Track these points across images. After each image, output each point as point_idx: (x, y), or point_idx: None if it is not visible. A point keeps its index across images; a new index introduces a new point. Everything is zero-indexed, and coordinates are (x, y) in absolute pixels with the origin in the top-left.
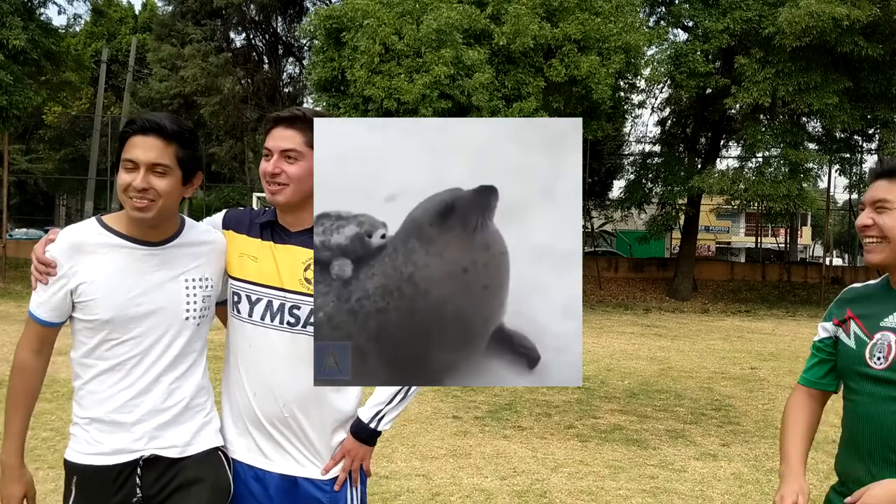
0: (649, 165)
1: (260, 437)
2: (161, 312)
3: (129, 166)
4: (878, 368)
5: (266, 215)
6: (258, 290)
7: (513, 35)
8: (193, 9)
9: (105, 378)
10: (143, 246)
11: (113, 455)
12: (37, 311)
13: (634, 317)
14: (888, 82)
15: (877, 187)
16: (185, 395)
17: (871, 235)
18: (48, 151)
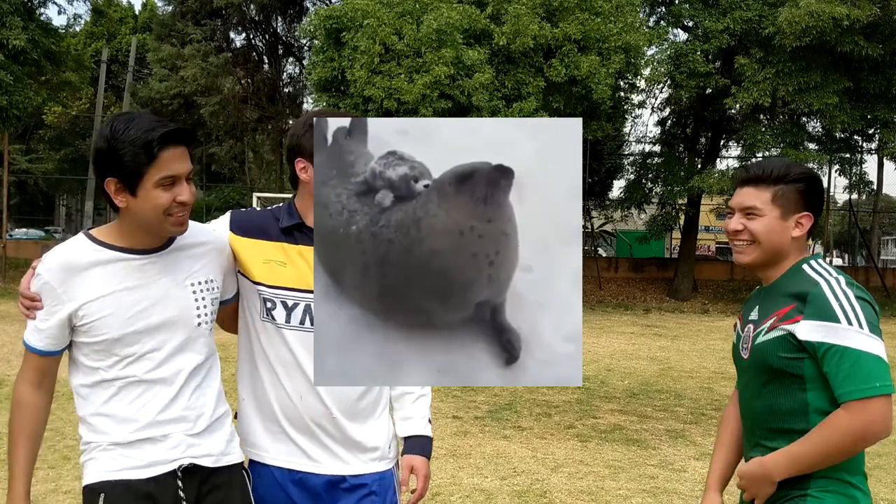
0: (649, 165)
1: (304, 439)
2: (172, 321)
3: (169, 182)
4: (745, 359)
5: (290, 218)
6: (294, 295)
7: (513, 35)
8: (193, 9)
9: (122, 398)
10: (140, 255)
11: (147, 468)
12: (33, 341)
13: (634, 317)
14: (888, 82)
15: (744, 194)
16: (210, 403)
17: (741, 239)
18: (48, 151)
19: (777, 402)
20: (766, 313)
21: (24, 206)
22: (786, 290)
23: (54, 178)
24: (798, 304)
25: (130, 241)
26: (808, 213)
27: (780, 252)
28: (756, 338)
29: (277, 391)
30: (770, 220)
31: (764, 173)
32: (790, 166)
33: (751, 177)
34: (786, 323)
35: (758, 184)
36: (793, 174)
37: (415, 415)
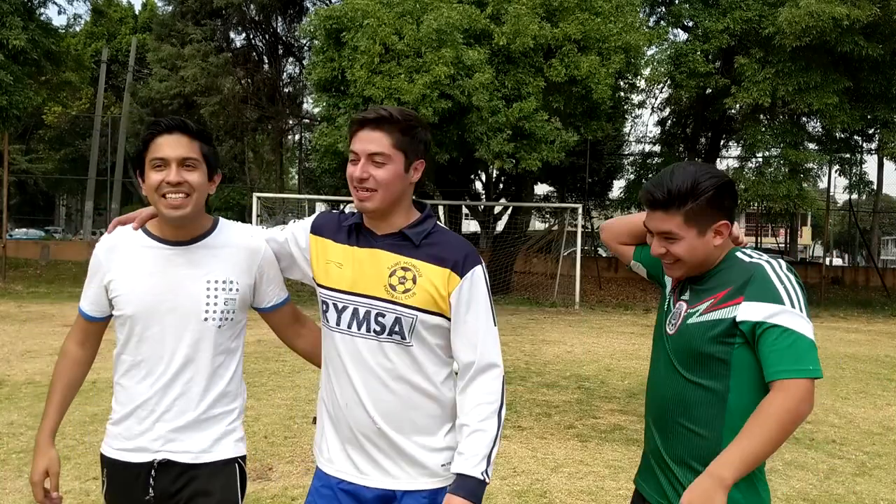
0: (649, 165)
1: (353, 449)
2: (179, 311)
3: (159, 164)
4: (670, 334)
5: (353, 217)
6: (344, 297)
7: (513, 35)
8: (193, 9)
9: (133, 374)
10: (170, 245)
11: (134, 452)
12: (82, 304)
13: (634, 317)
14: (888, 82)
15: (657, 219)
16: (207, 400)
17: (667, 260)
18: (48, 151)
19: (693, 394)
20: (701, 296)
21: (24, 206)
22: (722, 275)
23: (54, 178)
24: (736, 286)
25: (163, 232)
26: (724, 222)
27: (707, 260)
28: (688, 318)
29: (331, 397)
30: (689, 241)
31: (669, 196)
32: (695, 181)
33: (657, 200)
34: (724, 305)
35: (667, 208)
36: (699, 189)
37: (466, 451)
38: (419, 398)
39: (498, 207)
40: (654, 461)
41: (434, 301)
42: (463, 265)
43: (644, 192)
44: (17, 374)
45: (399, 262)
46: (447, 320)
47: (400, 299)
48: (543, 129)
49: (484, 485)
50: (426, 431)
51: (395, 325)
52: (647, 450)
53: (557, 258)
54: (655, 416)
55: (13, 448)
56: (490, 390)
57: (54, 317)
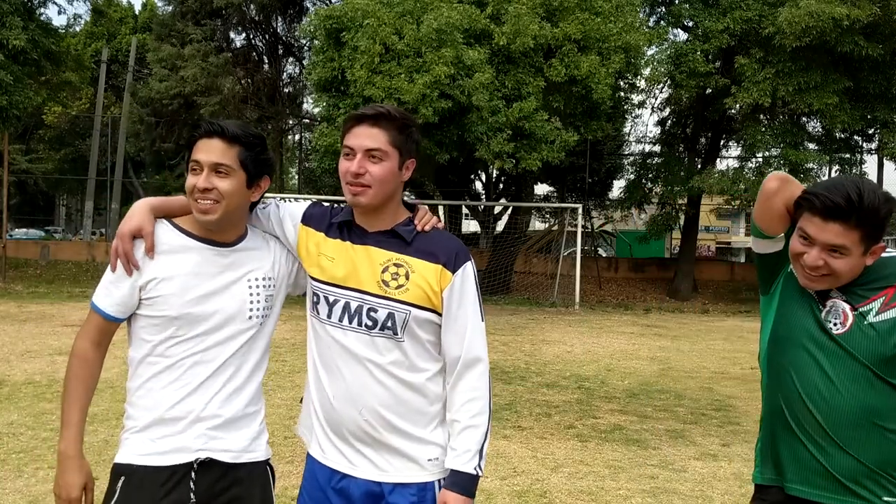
0: (649, 165)
1: (342, 443)
2: (225, 312)
3: (195, 167)
4: (837, 334)
5: (342, 214)
6: (336, 291)
7: (513, 35)
8: (193, 9)
9: (164, 376)
10: (214, 247)
11: (169, 454)
12: (102, 303)
13: (634, 317)
14: (888, 82)
15: (830, 230)
16: (244, 398)
17: (820, 272)
18: (48, 151)
19: (881, 396)
20: (866, 294)
21: (24, 206)
22: (875, 271)
23: (54, 178)
24: None
25: (206, 233)
26: (883, 244)
27: (857, 275)
28: (863, 317)
29: (319, 390)
30: (855, 259)
31: (857, 209)
32: (885, 198)
33: (839, 209)
34: None
35: (848, 220)
36: (885, 209)
37: (459, 447)
38: (408, 393)
39: (498, 207)
40: (829, 469)
41: (427, 297)
42: (455, 261)
43: (824, 198)
44: (17, 374)
45: (391, 258)
46: (438, 316)
47: (393, 295)
48: (543, 129)
49: (477, 479)
50: (415, 426)
51: (387, 320)
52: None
53: (557, 258)
54: (829, 423)
55: (13, 448)
56: (478, 386)
57: (54, 317)
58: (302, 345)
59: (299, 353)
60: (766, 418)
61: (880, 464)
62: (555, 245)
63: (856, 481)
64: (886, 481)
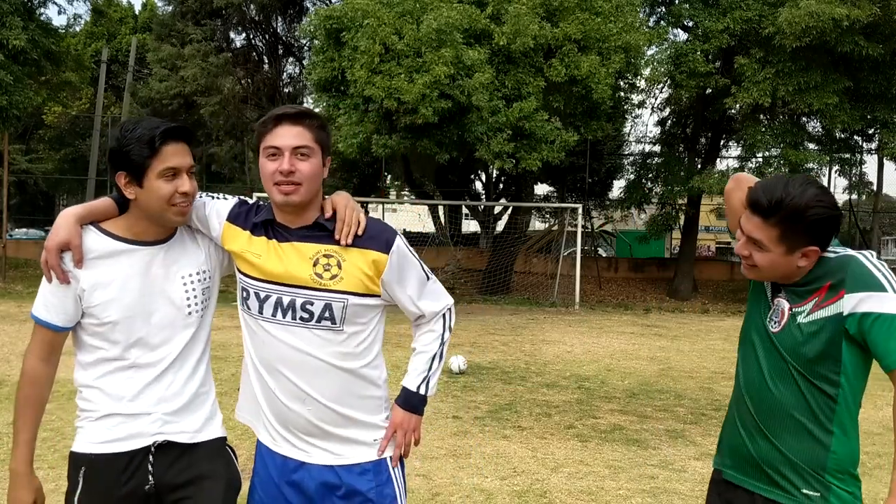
0: (649, 165)
1: (291, 435)
2: (166, 311)
3: (170, 175)
4: (774, 332)
5: (263, 213)
6: (267, 286)
7: (513, 35)
8: (193, 9)
9: (116, 376)
10: (144, 247)
11: (126, 440)
12: (46, 316)
13: (634, 317)
14: (888, 82)
15: (753, 223)
16: (194, 384)
17: (747, 261)
18: (48, 151)
19: (801, 393)
20: (803, 296)
21: (24, 206)
22: (814, 272)
23: (54, 178)
24: (836, 281)
25: (135, 233)
26: (815, 248)
27: (787, 275)
28: (795, 317)
29: (263, 386)
30: (774, 256)
31: (775, 208)
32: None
33: (760, 206)
34: (829, 302)
35: (766, 218)
36: (807, 214)
37: (410, 369)
38: (354, 382)
39: (498, 207)
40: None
41: (363, 284)
42: (385, 243)
43: (752, 191)
44: (16, 374)
45: (320, 250)
46: (377, 298)
47: (328, 286)
48: (543, 129)
49: (424, 399)
50: (365, 413)
51: (324, 311)
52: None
53: (557, 258)
54: (758, 413)
55: None
56: (435, 328)
57: None
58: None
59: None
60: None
61: (802, 457)
62: (555, 245)
63: (778, 471)
64: (807, 474)
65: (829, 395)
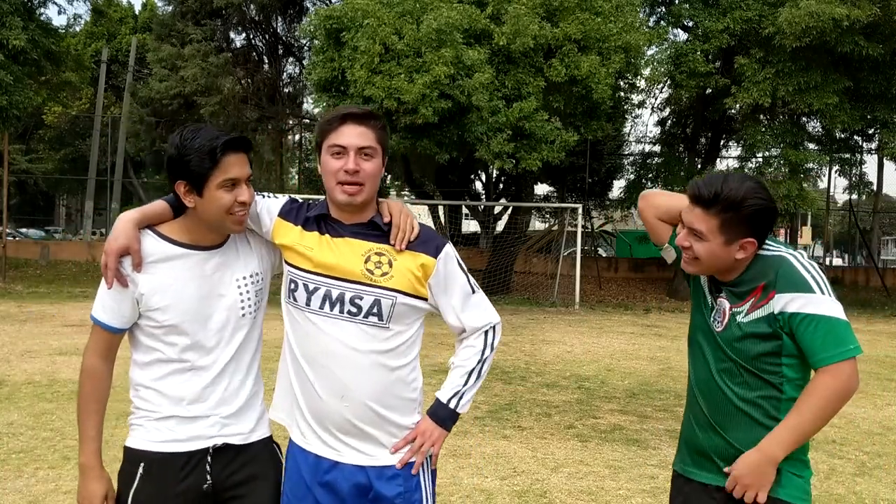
0: (649, 165)
1: (325, 433)
2: (221, 314)
3: (229, 185)
4: (718, 331)
5: (317, 208)
6: (316, 279)
7: (513, 35)
8: (193, 9)
9: (174, 378)
10: (200, 251)
11: (186, 442)
12: (104, 317)
13: (634, 317)
14: (888, 82)
15: (694, 214)
16: (248, 385)
17: (687, 255)
18: (48, 151)
19: (749, 387)
20: (742, 296)
21: (24, 206)
22: (750, 271)
23: (54, 178)
24: (769, 280)
25: (192, 238)
26: (752, 240)
27: (726, 267)
28: (734, 316)
29: (302, 380)
30: (713, 246)
31: (714, 199)
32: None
33: (699, 196)
34: (764, 302)
35: (706, 206)
36: (745, 204)
37: (446, 382)
38: (393, 382)
39: (498, 207)
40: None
41: (412, 285)
42: (434, 249)
43: (692, 185)
44: (16, 374)
45: (372, 248)
46: (424, 301)
47: (379, 282)
48: (543, 129)
49: (453, 415)
50: (400, 415)
51: (373, 306)
52: (692, 441)
53: (557, 258)
54: (709, 409)
55: (13, 448)
56: (475, 344)
57: (54, 317)
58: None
59: None
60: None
61: (749, 445)
62: (555, 245)
63: (730, 462)
64: None
65: (775, 386)
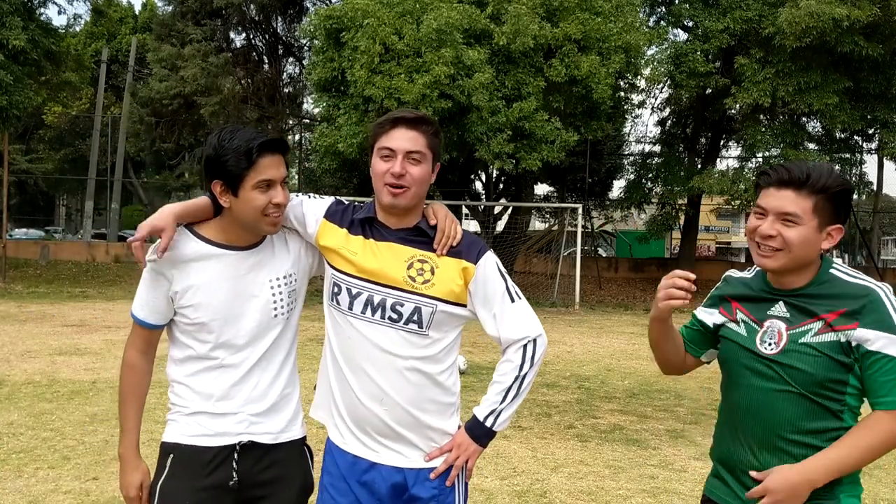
0: (649, 165)
1: (363, 434)
2: (253, 314)
3: (265, 186)
4: (770, 354)
5: (364, 210)
6: (359, 283)
7: (513, 35)
8: (193, 9)
9: (204, 375)
10: (235, 251)
11: (214, 437)
12: (141, 314)
13: (634, 317)
14: (888, 82)
15: (784, 197)
16: (279, 384)
17: (770, 245)
18: (48, 151)
19: (812, 408)
20: (807, 315)
21: (24, 206)
22: (826, 293)
23: (54, 178)
24: (851, 310)
25: (228, 238)
26: (840, 227)
27: (806, 262)
28: (797, 337)
29: (342, 383)
30: (807, 231)
31: (808, 178)
32: (836, 175)
33: (792, 178)
34: (841, 328)
35: (800, 188)
36: (838, 183)
37: (484, 399)
38: (431, 387)
39: (498, 207)
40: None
41: (454, 292)
42: (476, 254)
43: (776, 168)
44: (16, 374)
45: (415, 254)
46: (464, 308)
47: (420, 290)
48: (543, 129)
49: (489, 433)
50: (438, 418)
51: (413, 313)
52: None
53: (557, 258)
54: (760, 436)
55: (13, 448)
56: (513, 358)
57: (54, 317)
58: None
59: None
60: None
61: None
62: (555, 245)
63: None
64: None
65: (835, 413)
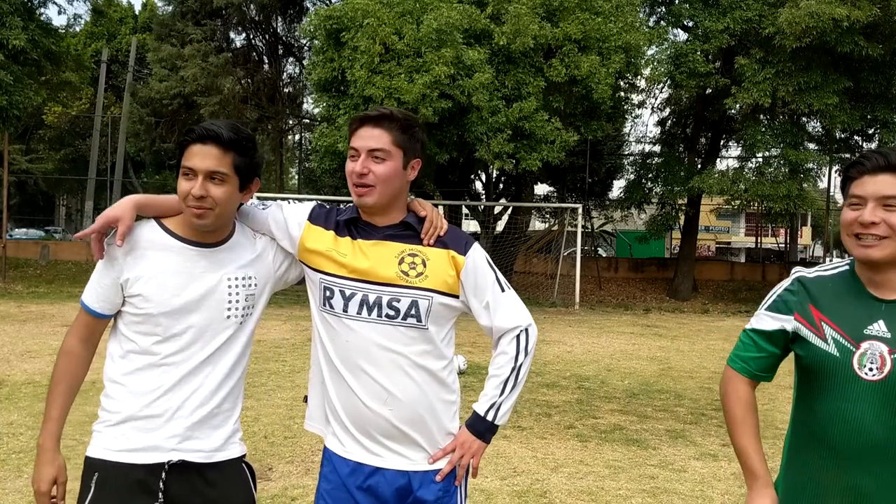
0: (649, 165)
1: (367, 438)
2: (204, 310)
3: (188, 174)
4: (871, 380)
5: (348, 212)
6: (352, 284)
7: (513, 35)
8: (193, 9)
9: (143, 374)
10: (197, 247)
11: (142, 452)
12: (87, 300)
13: (634, 317)
14: (888, 82)
15: (885, 182)
16: (219, 396)
17: (873, 234)
18: (48, 151)
19: None
20: None
21: (24, 206)
22: None
23: (54, 178)
24: None
25: (192, 234)
26: None
27: None
28: None
29: (341, 389)
30: None
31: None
32: None
33: (890, 163)
34: None
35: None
36: None
37: (483, 393)
38: (434, 385)
39: (498, 207)
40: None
41: (447, 283)
42: (464, 246)
43: (868, 156)
44: (16, 374)
45: (405, 249)
46: (457, 299)
47: (415, 283)
48: (543, 129)
49: (491, 427)
50: (442, 418)
51: (411, 308)
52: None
53: (557, 258)
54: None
55: (13, 448)
56: (507, 349)
57: (54, 317)
58: (302, 345)
59: (299, 353)
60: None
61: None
62: (555, 245)
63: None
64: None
65: None
